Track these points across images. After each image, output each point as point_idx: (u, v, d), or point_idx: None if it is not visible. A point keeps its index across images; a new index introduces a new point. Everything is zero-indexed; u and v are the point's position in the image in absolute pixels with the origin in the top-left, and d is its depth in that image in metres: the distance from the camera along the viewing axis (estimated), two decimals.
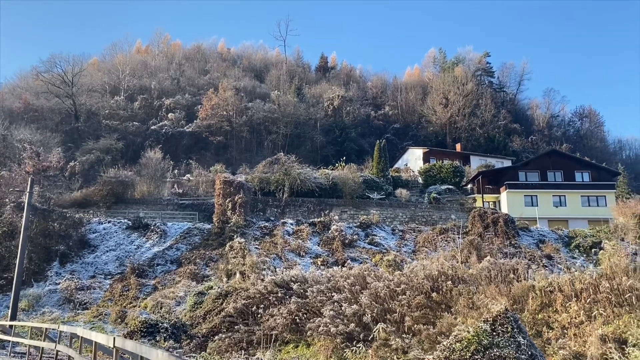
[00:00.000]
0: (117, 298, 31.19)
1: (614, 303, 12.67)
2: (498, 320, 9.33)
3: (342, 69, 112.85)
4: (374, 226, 41.88)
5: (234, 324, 20.51)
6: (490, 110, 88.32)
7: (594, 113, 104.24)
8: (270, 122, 77.29)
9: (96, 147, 64.47)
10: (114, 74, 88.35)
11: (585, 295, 13.15)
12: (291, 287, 21.15)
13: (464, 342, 8.78)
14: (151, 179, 51.53)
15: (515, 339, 8.74)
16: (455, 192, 54.45)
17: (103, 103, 78.55)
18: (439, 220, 46.36)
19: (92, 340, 9.16)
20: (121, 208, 46.09)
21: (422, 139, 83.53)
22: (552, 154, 59.49)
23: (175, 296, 29.33)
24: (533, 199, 52.00)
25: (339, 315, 17.09)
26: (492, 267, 16.80)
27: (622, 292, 12.64)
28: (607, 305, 12.74)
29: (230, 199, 41.49)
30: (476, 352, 8.37)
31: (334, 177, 50.34)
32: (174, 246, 38.46)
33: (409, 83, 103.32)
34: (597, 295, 13.05)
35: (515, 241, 38.24)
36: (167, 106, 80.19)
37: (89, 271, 35.36)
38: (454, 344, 9.00)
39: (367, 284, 18.43)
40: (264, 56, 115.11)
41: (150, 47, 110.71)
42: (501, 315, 9.43)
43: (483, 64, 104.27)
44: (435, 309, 16.31)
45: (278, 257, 35.67)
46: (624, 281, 12.73)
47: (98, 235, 40.07)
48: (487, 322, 9.38)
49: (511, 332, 8.93)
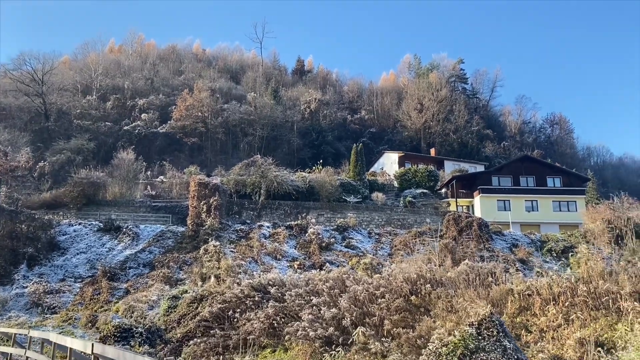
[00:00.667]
0: (88, 302, 30.39)
1: (591, 306, 12.82)
2: (483, 324, 9.31)
3: (318, 73, 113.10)
4: (351, 229, 41.88)
5: (210, 328, 20.13)
6: (464, 116, 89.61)
7: (564, 120, 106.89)
8: (247, 123, 76.78)
9: (67, 147, 62.97)
10: (86, 73, 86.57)
11: (563, 299, 13.28)
12: (269, 290, 20.87)
13: (450, 346, 8.73)
14: (123, 180, 50.57)
15: (501, 343, 8.72)
16: (430, 196, 54.93)
17: (74, 102, 76.87)
18: (414, 223, 46.64)
19: (67, 346, 8.55)
20: (92, 210, 45.10)
21: (398, 144, 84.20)
22: (525, 159, 60.61)
23: (148, 300, 28.71)
24: (506, 203, 52.82)
25: (318, 319, 16.90)
26: (470, 270, 16.86)
27: (599, 296, 12.80)
28: (584, 309, 12.88)
29: (205, 201, 40.94)
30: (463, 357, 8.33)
31: (311, 180, 50.23)
32: (147, 249, 37.71)
33: (385, 88, 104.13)
34: (574, 299, 13.19)
35: (489, 245, 38.66)
36: (141, 106, 78.94)
37: (59, 274, 34.38)
38: (439, 348, 8.94)
39: (346, 288, 18.29)
40: (240, 58, 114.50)
41: (124, 47, 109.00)
42: (486, 319, 9.41)
43: (457, 71, 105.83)
44: (415, 313, 16.27)
45: (254, 261, 35.30)
46: (600, 285, 12.90)
47: (68, 238, 39.05)
48: (473, 326, 9.35)
49: (497, 336, 8.91)
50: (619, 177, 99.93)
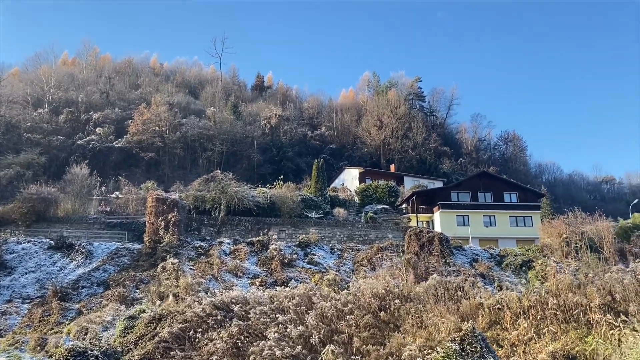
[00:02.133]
0: (37, 324, 28.71)
1: (561, 319, 12.84)
2: (466, 339, 9.07)
3: (278, 89, 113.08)
4: (313, 245, 41.43)
5: (169, 349, 19.22)
6: (422, 133, 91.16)
7: (518, 138, 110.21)
8: (206, 139, 75.58)
9: (16, 161, 60.24)
10: (37, 85, 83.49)
11: (533, 312, 13.27)
12: (232, 309, 20.16)
13: None
14: (76, 196, 48.62)
15: (485, 359, 8.50)
16: (391, 212, 55.20)
17: (25, 115, 73.85)
18: (375, 239, 46.61)
19: None
20: (43, 227, 43.06)
21: (358, 160, 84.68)
22: (482, 175, 61.90)
23: (102, 321, 27.33)
24: (465, 218, 53.63)
25: (285, 338, 16.37)
26: (439, 285, 16.73)
27: (569, 309, 12.83)
28: (554, 322, 12.89)
29: (164, 217, 39.73)
30: None
31: (272, 195, 49.64)
32: (101, 267, 36.14)
33: (344, 105, 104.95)
34: (544, 312, 13.20)
35: (451, 260, 38.95)
36: (95, 120, 76.59)
37: (5, 295, 32.47)
38: None
39: (312, 304, 17.85)
40: (198, 73, 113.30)
41: (78, 60, 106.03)
42: (469, 334, 9.17)
43: (415, 89, 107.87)
44: (384, 329, 15.97)
45: (214, 278, 34.31)
46: (570, 297, 12.94)
47: (16, 256, 37.05)
48: (456, 342, 9.09)
49: (480, 351, 8.69)
50: (569, 193, 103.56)
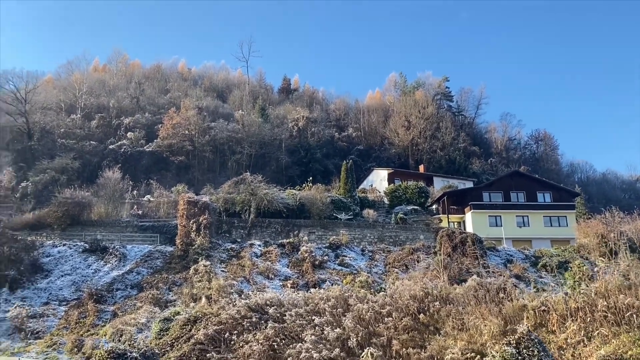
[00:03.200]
0: (74, 326, 29.18)
1: (612, 322, 12.30)
2: (522, 342, 8.70)
3: (305, 91, 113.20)
4: (344, 247, 41.19)
5: (205, 351, 19.23)
6: (451, 133, 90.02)
7: (549, 137, 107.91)
8: (234, 142, 76.07)
9: (51, 166, 61.55)
10: (70, 92, 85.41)
11: (581, 315, 12.75)
12: (266, 311, 20.06)
13: None
14: (109, 199, 49.40)
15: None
16: (421, 213, 54.50)
17: (58, 121, 75.63)
18: (406, 240, 46.06)
19: None
20: (77, 230, 43.77)
21: (386, 161, 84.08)
22: (515, 175, 60.70)
23: (137, 323, 27.60)
24: (497, 219, 52.61)
25: (321, 340, 16.16)
26: (479, 286, 16.29)
27: (620, 311, 12.29)
28: (604, 324, 12.36)
29: (195, 220, 40.01)
30: None
31: (301, 197, 49.50)
32: (135, 270, 36.57)
33: (371, 106, 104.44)
34: (593, 315, 12.67)
35: (484, 261, 38.19)
36: (126, 125, 77.89)
37: (42, 297, 33.09)
38: None
39: (349, 306, 17.61)
40: (225, 77, 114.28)
41: (108, 66, 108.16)
42: (524, 337, 8.80)
43: (442, 89, 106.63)
44: (423, 332, 15.64)
45: (246, 280, 34.37)
46: (621, 299, 12.39)
47: (52, 259, 37.77)
48: (511, 345, 8.72)
49: (538, 355, 8.32)
50: (603, 193, 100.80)
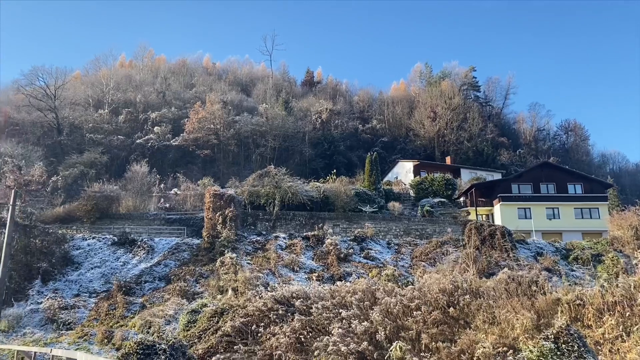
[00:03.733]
0: (103, 317, 29.66)
1: None
2: (561, 337, 8.35)
3: (328, 83, 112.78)
4: (369, 240, 40.91)
5: (233, 343, 19.21)
6: (478, 124, 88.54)
7: (579, 127, 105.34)
8: (258, 135, 76.32)
9: (80, 161, 62.67)
10: (97, 87, 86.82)
11: (619, 309, 12.27)
12: (293, 303, 19.95)
13: None
14: (137, 193, 50.04)
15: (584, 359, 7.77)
16: (448, 205, 53.80)
17: (86, 116, 76.92)
18: (433, 233, 45.55)
19: None
20: (106, 223, 44.48)
21: (411, 152, 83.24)
22: (545, 166, 59.36)
23: (165, 315, 27.91)
24: (526, 211, 51.58)
25: (349, 334, 15.97)
26: (510, 279, 15.87)
27: None
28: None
29: (221, 212, 40.23)
30: None
31: (325, 190, 49.34)
32: (162, 262, 36.99)
33: (396, 97, 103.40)
34: (632, 309, 12.17)
35: (514, 254, 37.49)
36: (153, 120, 78.82)
37: (73, 289, 33.74)
38: None
39: (376, 300, 17.37)
40: (249, 71, 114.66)
41: (134, 62, 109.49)
42: (563, 331, 8.45)
43: (469, 79, 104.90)
44: (453, 325, 15.30)
45: (271, 273, 34.43)
46: None
47: (82, 252, 38.45)
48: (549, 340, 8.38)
49: (578, 351, 7.96)
50: (636, 184, 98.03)
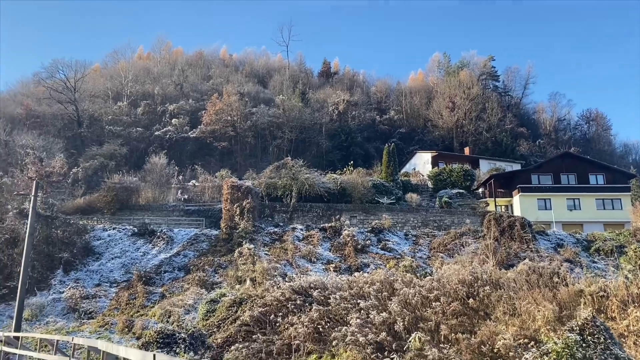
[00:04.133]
0: (124, 307, 30.07)
1: None
2: (586, 329, 8.17)
3: (345, 74, 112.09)
4: (386, 231, 40.78)
5: (251, 333, 19.38)
6: (497, 114, 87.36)
7: (601, 116, 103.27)
8: (275, 127, 76.34)
9: (100, 152, 63.42)
10: (116, 79, 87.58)
11: None
12: (310, 294, 20.01)
13: (552, 356, 7.64)
14: (156, 184, 50.49)
15: (611, 352, 7.60)
16: (466, 196, 53.26)
17: (106, 109, 77.72)
18: (451, 224, 45.22)
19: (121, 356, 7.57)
20: (126, 214, 44.99)
21: (429, 143, 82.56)
22: (565, 156, 58.41)
23: (184, 304, 28.20)
24: (546, 202, 50.86)
25: (367, 324, 15.95)
26: (531, 270, 15.65)
27: None
28: None
29: (238, 204, 40.43)
30: None
31: (342, 181, 49.21)
32: (181, 253, 37.35)
33: (413, 88, 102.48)
34: None
35: (534, 245, 37.10)
36: (171, 112, 79.30)
37: (94, 279, 34.26)
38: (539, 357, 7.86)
39: (394, 290, 17.30)
40: (266, 62, 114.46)
41: (152, 54, 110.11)
42: (589, 323, 8.28)
43: (488, 68, 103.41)
44: (473, 317, 15.18)
45: (289, 263, 34.54)
46: None
47: (103, 242, 39.01)
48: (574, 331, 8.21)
49: (605, 343, 7.79)
50: None
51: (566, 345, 7.87)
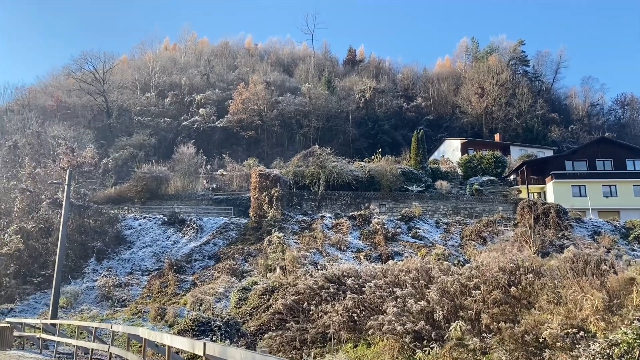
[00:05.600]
0: (156, 295, 30.36)
1: None
2: None
3: (370, 62, 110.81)
4: (417, 219, 40.18)
5: (284, 321, 19.21)
6: (527, 99, 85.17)
7: (637, 100, 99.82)
8: (302, 115, 75.98)
9: (129, 143, 64.14)
10: (144, 70, 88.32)
11: None
12: (344, 282, 19.72)
13: (622, 346, 7.18)
14: (185, 174, 50.80)
15: None
16: (497, 184, 52.16)
17: (134, 100, 78.52)
18: (482, 212, 44.37)
19: (166, 345, 7.32)
20: (156, 204, 45.42)
21: (457, 130, 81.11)
22: (601, 141, 56.60)
23: (215, 292, 28.27)
24: (581, 189, 49.40)
25: (404, 313, 15.57)
26: (576, 258, 15.02)
27: None
28: None
29: (267, 192, 40.35)
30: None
31: (370, 169, 48.67)
32: (211, 241, 37.50)
33: (441, 74, 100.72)
34: None
35: (569, 233, 36.08)
36: (198, 102, 79.65)
37: (126, 267, 34.66)
38: (607, 348, 7.40)
39: (431, 279, 16.86)
40: (291, 51, 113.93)
41: (178, 45, 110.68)
42: None
43: (517, 53, 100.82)
44: (514, 305, 14.66)
45: (318, 252, 34.33)
46: None
47: (134, 231, 39.42)
48: None
49: None
50: None
51: (638, 336, 7.36)
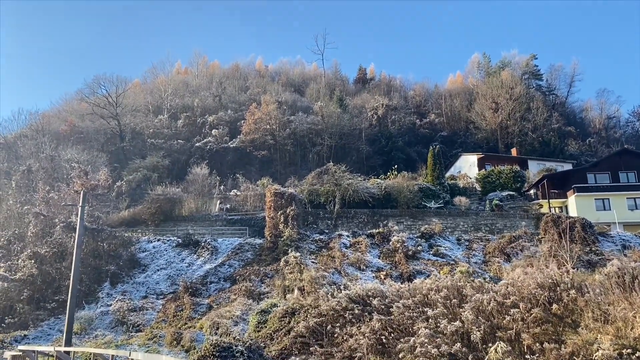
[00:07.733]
0: (171, 319, 29.55)
1: None
2: None
3: (381, 80, 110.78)
4: (437, 236, 39.12)
5: (307, 345, 18.23)
6: (542, 113, 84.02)
7: None
8: (314, 134, 75.52)
9: (142, 165, 63.96)
10: (156, 94, 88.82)
11: None
12: (369, 302, 18.73)
13: None
14: (198, 195, 50.32)
15: None
16: (517, 199, 50.88)
17: (147, 122, 78.71)
18: (503, 228, 43.15)
19: None
20: (170, 226, 44.86)
21: (472, 146, 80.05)
22: (623, 153, 55.20)
23: (232, 315, 27.38)
24: (605, 202, 47.99)
25: (437, 334, 14.55)
26: (620, 272, 13.96)
27: None
28: None
29: (282, 211, 39.59)
30: None
31: (386, 186, 47.75)
32: (227, 263, 36.71)
33: (453, 90, 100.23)
34: None
35: (596, 247, 34.75)
36: (210, 123, 79.65)
37: (141, 291, 33.93)
38: None
39: (463, 297, 15.84)
40: (301, 71, 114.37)
41: (190, 68, 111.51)
42: None
43: (530, 67, 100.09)
44: (557, 324, 13.61)
45: (337, 272, 33.32)
46: None
47: (148, 254, 38.79)
48: None
49: None
50: None
51: None
